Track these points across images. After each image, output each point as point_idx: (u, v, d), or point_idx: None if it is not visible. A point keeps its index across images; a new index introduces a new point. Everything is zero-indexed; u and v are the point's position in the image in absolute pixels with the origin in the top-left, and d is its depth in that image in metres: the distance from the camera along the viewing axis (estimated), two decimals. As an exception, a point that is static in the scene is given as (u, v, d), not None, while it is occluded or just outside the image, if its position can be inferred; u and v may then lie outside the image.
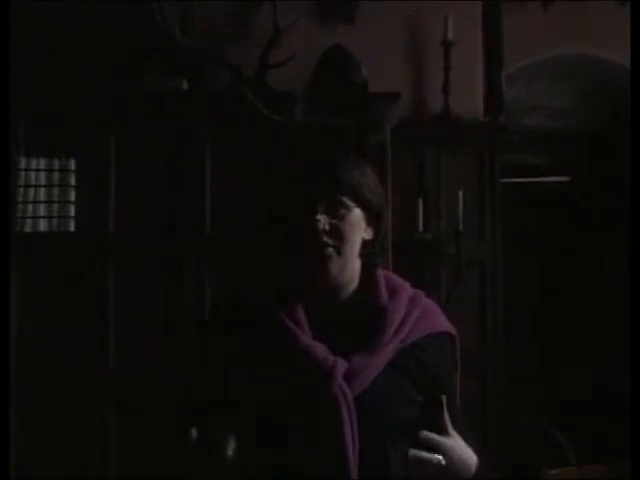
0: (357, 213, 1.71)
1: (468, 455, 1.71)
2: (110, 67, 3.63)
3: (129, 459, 3.41)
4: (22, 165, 3.49)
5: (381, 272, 1.79)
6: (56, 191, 3.52)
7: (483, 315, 3.76)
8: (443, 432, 1.65)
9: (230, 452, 1.52)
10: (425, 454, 1.62)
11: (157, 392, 3.36)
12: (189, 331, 3.46)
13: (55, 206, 3.51)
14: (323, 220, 1.67)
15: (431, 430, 1.65)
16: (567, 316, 5.42)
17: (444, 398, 1.65)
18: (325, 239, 1.67)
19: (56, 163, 3.53)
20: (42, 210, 3.51)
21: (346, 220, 1.69)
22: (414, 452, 1.62)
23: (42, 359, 3.48)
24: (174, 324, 3.53)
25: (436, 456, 1.62)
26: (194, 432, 1.51)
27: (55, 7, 3.65)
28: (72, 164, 3.54)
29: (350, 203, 1.70)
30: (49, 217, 3.51)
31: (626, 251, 2.66)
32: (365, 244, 1.75)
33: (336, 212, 1.69)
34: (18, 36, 2.96)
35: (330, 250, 1.68)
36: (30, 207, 3.50)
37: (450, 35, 3.83)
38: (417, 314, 1.74)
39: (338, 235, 1.68)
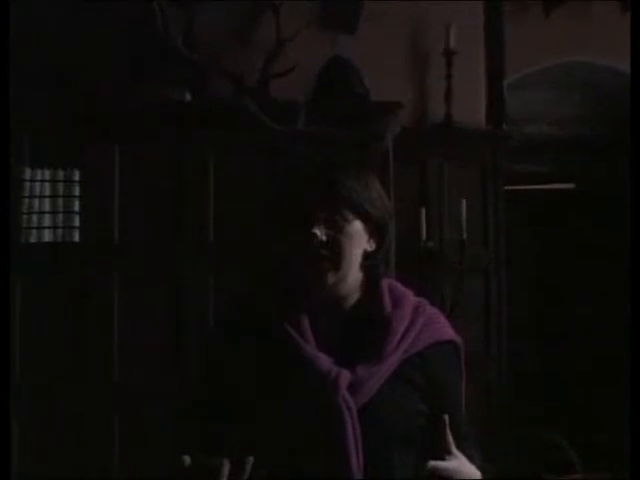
0: (357, 225, 1.69)
1: (472, 473, 1.67)
2: (113, 79, 3.65)
3: (132, 468, 3.40)
4: (27, 176, 3.51)
5: (385, 282, 1.77)
6: (61, 202, 3.53)
7: (487, 324, 3.75)
8: (447, 453, 1.61)
9: None
10: None
11: (161, 403, 3.36)
12: (193, 343, 3.45)
13: (60, 216, 3.53)
14: (320, 232, 1.65)
15: (434, 450, 1.61)
16: (571, 324, 5.42)
17: (446, 417, 1.60)
18: (322, 251, 1.66)
19: (61, 174, 3.55)
20: (47, 220, 3.52)
21: (345, 232, 1.67)
22: None
23: (46, 371, 3.48)
24: (178, 336, 3.53)
25: None
26: (187, 459, 1.49)
27: (57, 19, 3.67)
28: (76, 175, 3.55)
29: (349, 216, 1.68)
30: (54, 227, 3.52)
31: (628, 255, 2.66)
32: (367, 255, 1.73)
33: (334, 224, 1.67)
34: (20, 52, 2.98)
35: (327, 262, 1.67)
36: (35, 217, 3.51)
37: (452, 44, 3.83)
38: (421, 323, 1.73)
39: (336, 247, 1.67)
